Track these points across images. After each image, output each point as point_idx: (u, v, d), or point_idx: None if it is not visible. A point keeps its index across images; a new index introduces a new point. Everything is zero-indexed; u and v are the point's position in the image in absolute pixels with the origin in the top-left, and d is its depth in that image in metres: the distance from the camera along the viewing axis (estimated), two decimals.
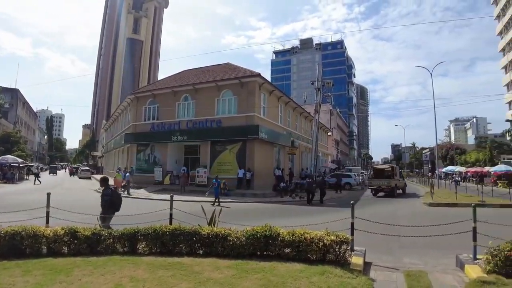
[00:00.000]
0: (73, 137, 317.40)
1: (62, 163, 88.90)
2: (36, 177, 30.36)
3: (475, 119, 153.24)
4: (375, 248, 7.22)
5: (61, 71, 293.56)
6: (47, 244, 6.26)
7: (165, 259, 5.95)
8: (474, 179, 42.05)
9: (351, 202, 7.05)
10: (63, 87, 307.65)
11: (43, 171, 50.21)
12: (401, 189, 25.23)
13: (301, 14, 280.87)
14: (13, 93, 61.16)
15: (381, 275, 5.71)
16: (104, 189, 7.71)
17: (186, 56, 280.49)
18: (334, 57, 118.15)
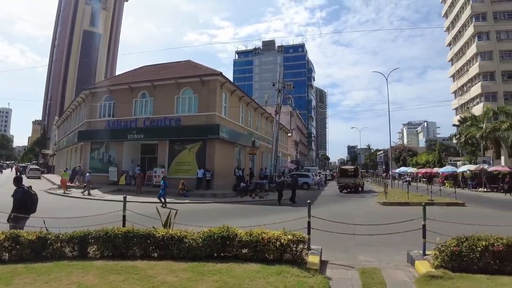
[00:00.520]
0: (21, 133, 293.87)
1: (8, 162, 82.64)
2: None
3: (426, 123, 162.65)
4: (331, 246, 7.34)
5: (8, 62, 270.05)
6: None
7: (118, 263, 5.66)
8: (424, 179, 44.81)
9: (308, 201, 7.10)
10: (11, 80, 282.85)
11: None
12: (360, 187, 29.15)
13: (264, 15, 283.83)
14: None
15: (337, 273, 5.83)
16: (16, 189, 7.01)
17: (146, 51, 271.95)
18: (295, 60, 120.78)
